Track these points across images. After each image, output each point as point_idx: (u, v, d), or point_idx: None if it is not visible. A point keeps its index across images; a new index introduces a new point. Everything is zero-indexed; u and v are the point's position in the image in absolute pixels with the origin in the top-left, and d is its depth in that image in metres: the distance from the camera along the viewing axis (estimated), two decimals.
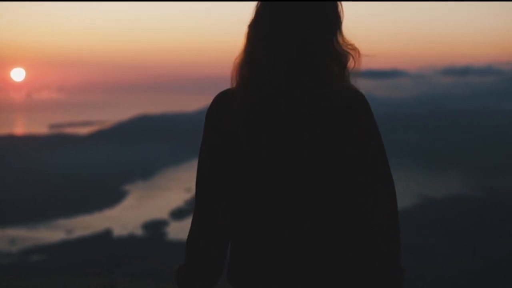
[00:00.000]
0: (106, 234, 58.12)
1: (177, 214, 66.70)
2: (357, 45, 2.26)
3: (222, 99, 2.25)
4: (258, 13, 2.25)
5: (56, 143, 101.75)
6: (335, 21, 2.23)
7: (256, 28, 2.23)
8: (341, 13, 2.24)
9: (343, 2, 2.28)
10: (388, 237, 2.17)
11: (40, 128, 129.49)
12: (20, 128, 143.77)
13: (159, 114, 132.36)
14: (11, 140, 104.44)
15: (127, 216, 66.48)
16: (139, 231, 60.26)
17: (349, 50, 2.23)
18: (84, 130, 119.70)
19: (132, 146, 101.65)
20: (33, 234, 59.27)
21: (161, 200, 73.64)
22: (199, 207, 2.26)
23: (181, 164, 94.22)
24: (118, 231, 59.40)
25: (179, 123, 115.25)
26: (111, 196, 74.96)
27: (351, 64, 2.23)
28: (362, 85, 2.28)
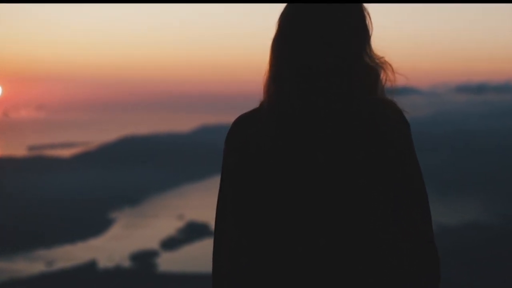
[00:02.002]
0: (90, 266, 58.02)
1: (169, 244, 66.69)
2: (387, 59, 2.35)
3: (243, 121, 2.34)
4: (282, 26, 2.33)
5: (36, 166, 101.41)
6: (364, 33, 2.32)
7: (280, 42, 2.30)
8: (369, 26, 2.33)
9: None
10: (427, 270, 2.21)
11: (18, 150, 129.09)
12: None
13: (148, 134, 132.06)
14: None
15: (113, 246, 66.41)
16: (126, 263, 60.19)
17: (380, 64, 2.31)
18: (66, 152, 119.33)
19: (119, 170, 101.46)
20: (10, 266, 59.14)
21: (150, 228, 73.57)
22: (220, 238, 2.41)
23: (173, 189, 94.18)
24: (104, 262, 59.33)
25: (170, 145, 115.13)
26: (95, 224, 74.80)
27: (383, 78, 2.31)
28: None
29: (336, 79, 2.22)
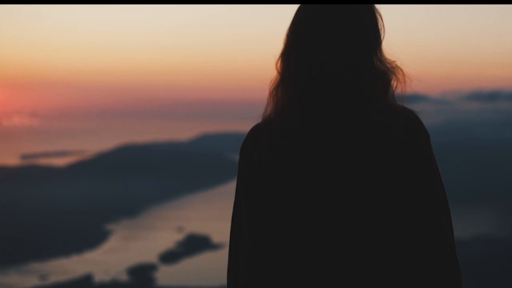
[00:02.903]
0: (86, 280, 58.12)
1: (167, 257, 66.72)
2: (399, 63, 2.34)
3: (258, 130, 2.33)
4: (292, 31, 2.34)
5: (29, 175, 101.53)
6: (376, 37, 2.32)
7: (291, 47, 2.32)
8: (381, 30, 2.34)
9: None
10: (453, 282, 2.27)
11: (10, 158, 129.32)
12: None
13: (146, 143, 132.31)
14: None
15: (110, 259, 66.46)
16: (123, 277, 60.24)
17: (391, 68, 2.31)
18: (60, 161, 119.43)
19: (115, 179, 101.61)
20: (2, 280, 59.23)
21: (149, 241, 73.64)
22: (235, 252, 2.40)
23: (172, 200, 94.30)
24: (100, 276, 59.40)
25: (169, 154, 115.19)
26: (91, 236, 74.92)
27: (394, 83, 2.31)
28: None
29: (347, 84, 2.23)
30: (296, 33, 2.31)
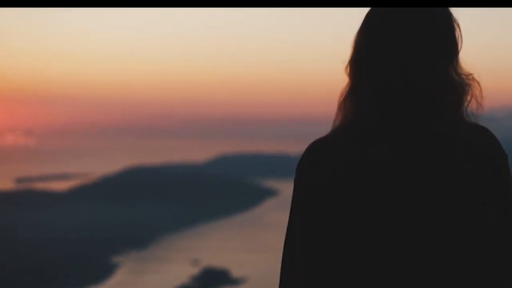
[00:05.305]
0: None
1: None
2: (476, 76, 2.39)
3: (317, 147, 2.41)
4: (366, 35, 2.41)
5: (25, 201, 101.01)
6: (452, 46, 2.37)
7: (363, 53, 2.39)
8: (459, 38, 2.39)
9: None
10: None
11: (4, 182, 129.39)
12: None
13: (157, 165, 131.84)
14: None
15: None
16: None
17: (468, 81, 2.35)
18: (60, 186, 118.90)
19: (123, 206, 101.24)
20: None
21: (160, 275, 73.72)
22: (288, 286, 2.47)
23: (186, 229, 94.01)
24: None
25: (183, 177, 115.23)
26: (95, 269, 74.91)
27: (468, 98, 2.34)
28: None
29: (424, 95, 2.29)
30: (370, 37, 2.37)
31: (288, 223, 2.43)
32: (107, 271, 76.44)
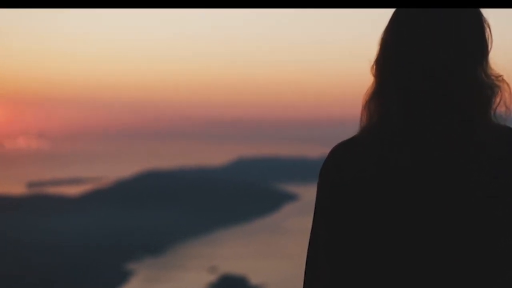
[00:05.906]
0: None
1: None
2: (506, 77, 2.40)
3: (342, 150, 2.41)
4: (394, 35, 2.42)
5: (37, 206, 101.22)
6: (482, 47, 2.38)
7: (386, 56, 2.41)
8: (489, 39, 2.39)
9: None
10: None
11: (15, 187, 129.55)
12: None
13: (172, 169, 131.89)
14: None
15: None
16: None
17: (497, 83, 2.36)
18: (73, 190, 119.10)
19: (137, 211, 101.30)
20: None
21: (176, 283, 73.75)
22: None
23: (202, 235, 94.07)
24: None
25: (200, 182, 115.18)
26: (109, 277, 75.05)
27: (497, 100, 2.35)
28: None
29: (447, 98, 2.30)
30: (398, 36, 2.38)
31: (312, 229, 2.43)
32: (122, 278, 76.47)
